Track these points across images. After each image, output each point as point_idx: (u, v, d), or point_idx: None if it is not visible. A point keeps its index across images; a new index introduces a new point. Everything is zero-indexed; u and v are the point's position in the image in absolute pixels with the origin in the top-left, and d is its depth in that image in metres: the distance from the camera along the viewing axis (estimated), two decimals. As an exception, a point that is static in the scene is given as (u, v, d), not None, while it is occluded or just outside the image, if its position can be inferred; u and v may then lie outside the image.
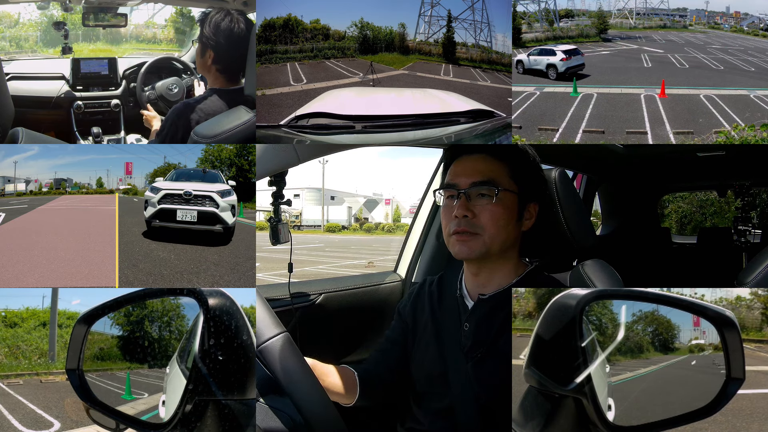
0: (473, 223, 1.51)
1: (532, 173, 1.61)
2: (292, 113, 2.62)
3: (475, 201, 1.53)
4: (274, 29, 8.21)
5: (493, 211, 1.51)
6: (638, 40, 15.58)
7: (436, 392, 1.59)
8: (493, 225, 1.51)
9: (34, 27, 18.24)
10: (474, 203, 1.53)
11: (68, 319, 8.83)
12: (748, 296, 6.55)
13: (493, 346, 1.50)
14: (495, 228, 1.51)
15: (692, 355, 1.23)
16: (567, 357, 1.13)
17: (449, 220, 1.55)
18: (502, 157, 1.57)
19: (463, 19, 9.38)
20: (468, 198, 1.53)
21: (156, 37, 19.36)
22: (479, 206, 1.52)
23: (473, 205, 1.53)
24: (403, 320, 1.73)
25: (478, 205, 1.52)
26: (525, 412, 1.28)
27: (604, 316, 1.24)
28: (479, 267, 1.57)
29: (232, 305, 1.09)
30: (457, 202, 1.53)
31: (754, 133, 6.10)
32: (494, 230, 1.51)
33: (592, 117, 7.44)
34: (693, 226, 14.40)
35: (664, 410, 1.15)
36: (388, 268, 2.80)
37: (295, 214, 39.08)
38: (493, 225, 1.51)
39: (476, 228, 1.51)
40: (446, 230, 1.57)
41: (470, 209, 1.52)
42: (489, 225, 1.51)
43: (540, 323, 1.21)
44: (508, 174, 1.55)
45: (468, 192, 1.53)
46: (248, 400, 1.09)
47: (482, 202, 1.52)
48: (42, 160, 28.54)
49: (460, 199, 1.53)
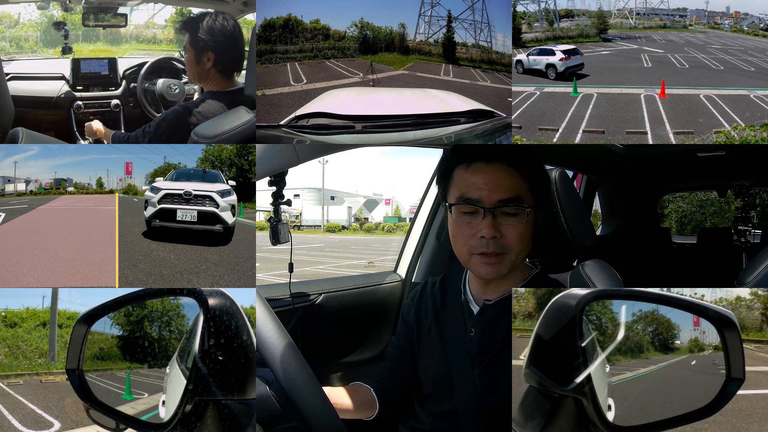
0: (501, 244, 1.44)
1: (545, 182, 1.56)
2: (292, 113, 2.62)
3: (500, 219, 1.44)
4: (274, 29, 8.21)
5: (521, 230, 1.44)
6: (638, 40, 15.57)
7: (440, 395, 1.58)
8: (519, 244, 1.45)
9: (34, 27, 18.26)
10: (500, 221, 1.44)
11: (68, 319, 8.82)
12: (748, 296, 6.55)
13: (501, 352, 1.47)
14: (521, 246, 1.45)
15: (692, 355, 1.23)
16: (567, 357, 1.13)
17: (470, 238, 1.45)
18: (521, 168, 1.47)
19: (463, 19, 9.38)
20: (494, 216, 1.43)
21: (156, 38, 19.38)
22: (506, 225, 1.44)
23: (499, 223, 1.44)
24: (408, 326, 1.72)
25: (505, 224, 1.44)
26: (525, 412, 1.28)
27: (604, 316, 1.24)
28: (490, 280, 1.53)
29: (232, 305, 1.09)
30: (483, 221, 1.43)
31: (754, 133, 6.10)
32: (520, 248, 1.45)
33: (592, 117, 7.44)
34: (693, 226, 14.40)
35: (664, 410, 1.15)
36: (388, 268, 2.80)
37: (295, 214, 39.09)
38: (520, 244, 1.45)
39: (504, 248, 1.44)
40: (465, 248, 1.47)
41: (498, 229, 1.43)
42: (516, 244, 1.44)
43: (540, 323, 1.21)
44: (528, 187, 1.47)
45: (495, 210, 1.43)
46: (248, 400, 1.09)
47: (509, 221, 1.44)
48: (42, 160, 28.53)
49: (486, 218, 1.43)
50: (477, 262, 1.46)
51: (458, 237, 1.49)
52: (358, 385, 1.67)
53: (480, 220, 1.44)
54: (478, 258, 1.45)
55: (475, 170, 1.47)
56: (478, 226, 1.44)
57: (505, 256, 1.45)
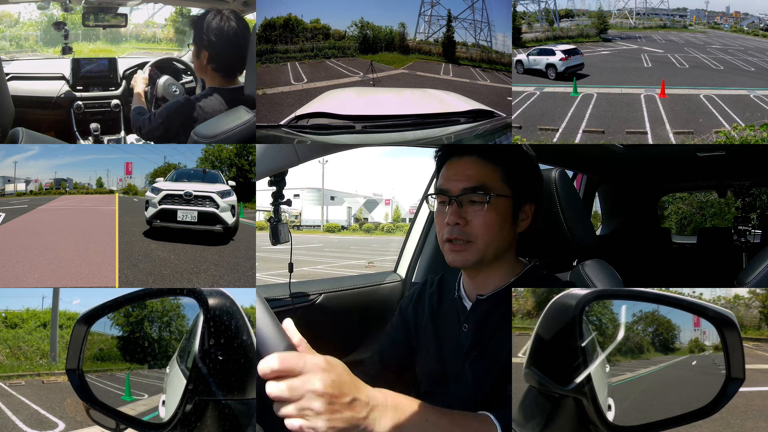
0: (465, 231, 1.48)
1: (526, 174, 1.57)
2: (293, 111, 2.62)
3: (467, 207, 1.49)
4: (274, 29, 8.21)
5: (485, 218, 1.47)
6: (638, 40, 15.57)
7: (437, 392, 1.59)
8: (486, 232, 1.48)
9: (34, 26, 18.26)
10: (466, 209, 1.49)
11: (68, 319, 8.82)
12: (747, 295, 6.56)
13: (489, 344, 1.49)
14: (488, 235, 1.48)
15: (693, 356, 1.23)
16: (567, 357, 1.13)
17: (442, 227, 1.52)
18: (494, 159, 1.52)
19: (463, 19, 9.37)
20: (459, 204, 1.49)
21: (155, 37, 19.38)
22: (471, 213, 1.48)
23: (465, 211, 1.48)
24: (405, 318, 1.73)
25: (470, 211, 1.48)
26: (525, 412, 1.28)
27: (604, 316, 1.24)
28: (476, 271, 1.55)
29: (232, 305, 1.09)
30: (449, 209, 1.49)
31: (754, 133, 6.10)
32: (488, 237, 1.48)
33: (592, 117, 7.44)
34: (693, 228, 14.40)
35: (663, 410, 1.15)
36: (387, 268, 2.80)
37: (295, 214, 39.09)
38: (486, 232, 1.48)
39: (469, 236, 1.48)
40: (440, 236, 1.53)
41: (462, 216, 1.48)
42: (482, 232, 1.48)
43: (540, 323, 1.21)
44: (500, 177, 1.50)
45: (459, 198, 1.50)
46: (248, 400, 1.09)
47: (474, 209, 1.48)
48: (42, 160, 28.48)
49: (452, 205, 1.49)
50: (446, 249, 1.52)
51: (437, 226, 1.57)
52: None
53: (447, 208, 1.51)
54: (447, 246, 1.51)
55: (450, 164, 1.56)
56: (446, 214, 1.50)
57: (471, 245, 1.48)
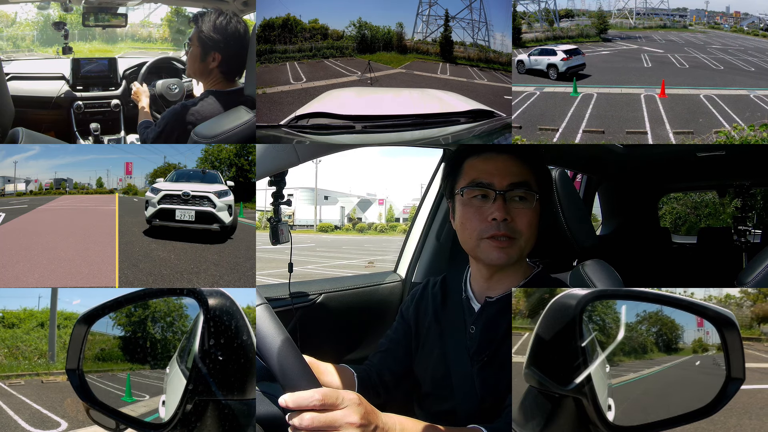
0: (512, 227, 1.44)
1: (549, 181, 1.59)
2: (292, 110, 2.62)
3: (511, 204, 1.45)
4: (273, 29, 8.21)
5: (530, 216, 1.46)
6: (638, 40, 15.57)
7: (439, 394, 1.58)
8: (529, 230, 1.46)
9: (31, 26, 18.25)
10: (510, 206, 1.45)
11: (66, 319, 8.81)
12: (738, 294, 6.55)
13: (499, 349, 1.47)
14: (530, 233, 1.46)
15: (695, 356, 1.23)
16: (567, 357, 1.13)
17: (480, 223, 1.46)
18: (528, 159, 1.50)
19: (460, 19, 9.37)
20: (504, 200, 1.45)
21: (151, 36, 19.38)
22: (516, 209, 1.45)
23: (509, 207, 1.45)
24: (406, 322, 1.71)
25: (515, 208, 1.45)
26: (525, 412, 1.28)
27: (604, 316, 1.24)
28: (495, 270, 1.52)
29: (232, 305, 1.09)
30: (494, 204, 1.45)
31: (754, 133, 6.10)
32: (529, 235, 1.46)
33: (592, 117, 7.43)
34: (687, 228, 14.42)
35: (664, 410, 1.15)
36: (387, 268, 2.80)
37: (288, 214, 38.96)
38: (529, 230, 1.46)
39: (515, 233, 1.45)
40: (475, 233, 1.47)
41: (509, 212, 1.44)
42: (526, 230, 1.45)
43: (540, 323, 1.21)
44: (534, 178, 1.50)
45: (506, 193, 1.45)
46: (248, 400, 1.09)
47: (519, 206, 1.46)
48: (42, 160, 28.49)
49: (497, 201, 1.44)
50: (487, 246, 1.46)
51: (467, 223, 1.49)
52: (344, 366, 1.66)
53: (491, 203, 1.45)
54: (488, 242, 1.45)
55: (487, 158, 1.51)
56: (489, 209, 1.45)
57: (515, 242, 1.45)
